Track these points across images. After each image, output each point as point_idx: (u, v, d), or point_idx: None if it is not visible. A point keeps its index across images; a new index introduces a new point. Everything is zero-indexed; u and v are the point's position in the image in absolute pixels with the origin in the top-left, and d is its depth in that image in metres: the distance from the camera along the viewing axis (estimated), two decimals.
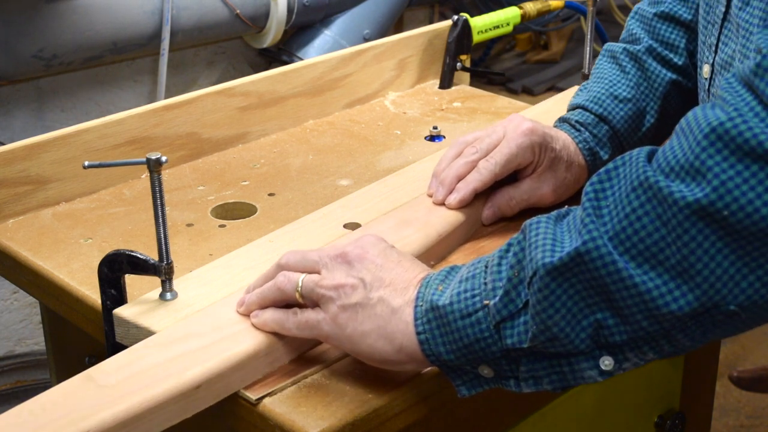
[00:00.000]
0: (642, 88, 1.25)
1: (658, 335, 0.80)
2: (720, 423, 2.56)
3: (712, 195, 0.76)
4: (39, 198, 1.23)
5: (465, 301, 0.85)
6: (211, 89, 1.38)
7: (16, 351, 2.08)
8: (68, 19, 1.80)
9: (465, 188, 1.15)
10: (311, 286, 0.90)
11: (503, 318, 0.83)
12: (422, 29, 1.63)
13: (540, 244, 0.82)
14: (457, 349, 0.85)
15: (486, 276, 0.86)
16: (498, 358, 0.85)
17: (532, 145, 1.15)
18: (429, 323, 0.86)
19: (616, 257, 0.78)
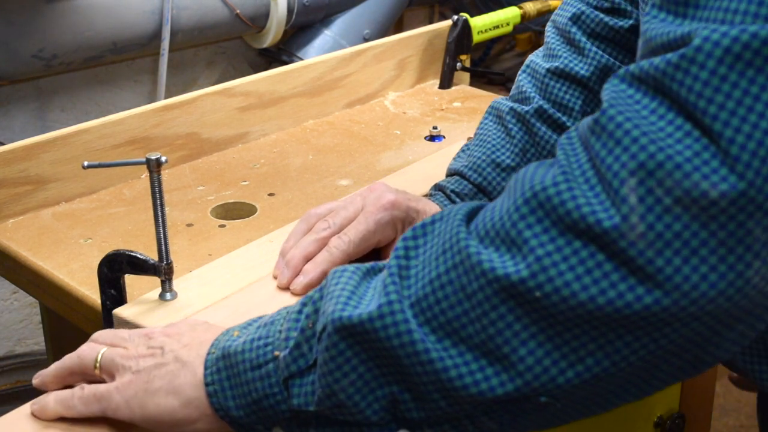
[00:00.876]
0: (529, 155, 1.11)
1: (460, 416, 0.71)
2: (720, 423, 2.55)
3: (524, 272, 0.66)
4: (39, 198, 1.23)
5: (257, 350, 0.76)
6: (211, 89, 1.38)
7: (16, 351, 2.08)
8: (68, 19, 1.80)
9: (313, 271, 0.99)
10: (112, 356, 0.82)
11: (292, 374, 0.74)
12: (422, 29, 1.63)
13: (336, 296, 0.72)
14: (246, 404, 0.76)
15: (283, 323, 0.77)
16: (288, 419, 0.75)
17: (393, 221, 1.02)
18: (219, 373, 0.77)
19: (413, 327, 0.68)
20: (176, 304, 0.98)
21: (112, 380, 0.81)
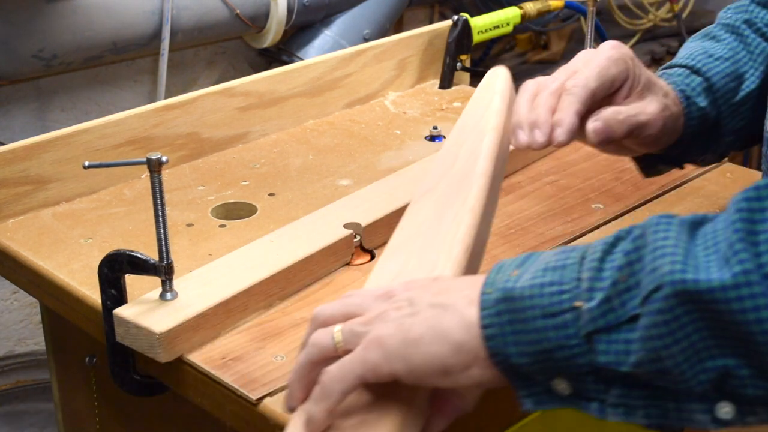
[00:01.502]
0: (740, 55, 1.09)
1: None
2: None
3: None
4: (39, 198, 1.23)
5: (550, 297, 0.69)
6: (211, 89, 1.38)
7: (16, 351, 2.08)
8: (68, 19, 1.80)
9: (566, 116, 0.93)
10: (350, 328, 0.74)
11: (598, 329, 0.67)
12: (422, 29, 1.63)
13: (669, 253, 0.65)
14: (532, 352, 0.69)
15: (581, 267, 0.69)
16: (583, 373, 0.68)
17: (623, 57, 0.97)
18: (499, 316, 0.69)
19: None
20: (176, 304, 0.98)
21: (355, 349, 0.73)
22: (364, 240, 1.13)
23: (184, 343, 0.96)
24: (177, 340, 0.95)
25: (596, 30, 1.80)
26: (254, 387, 0.91)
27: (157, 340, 0.94)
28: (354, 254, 1.13)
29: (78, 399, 1.28)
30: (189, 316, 0.96)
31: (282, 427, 0.87)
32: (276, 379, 0.92)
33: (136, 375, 1.02)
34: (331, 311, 0.77)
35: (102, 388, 1.21)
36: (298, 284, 1.07)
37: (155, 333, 0.94)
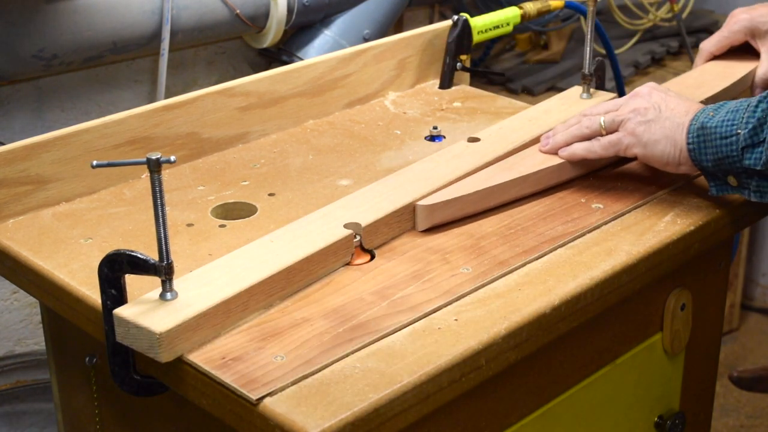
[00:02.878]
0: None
1: None
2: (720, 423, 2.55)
3: None
4: (39, 198, 1.23)
5: (726, 127, 1.14)
6: (211, 89, 1.38)
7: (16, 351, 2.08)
8: (68, 19, 1.80)
9: (698, 62, 1.54)
10: (612, 117, 1.23)
11: (747, 145, 1.12)
12: (422, 29, 1.63)
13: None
14: (714, 159, 1.16)
15: (745, 113, 1.13)
16: (739, 172, 1.15)
17: (741, 29, 1.49)
18: (698, 138, 1.17)
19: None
20: (176, 304, 0.98)
21: (616, 132, 1.22)
22: (364, 240, 1.13)
23: (184, 343, 0.96)
24: (177, 340, 0.95)
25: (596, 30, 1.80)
26: (254, 387, 0.91)
27: (157, 340, 0.94)
28: (354, 254, 1.13)
29: (78, 399, 1.28)
30: (189, 316, 0.96)
31: (282, 427, 0.87)
32: (276, 379, 0.92)
33: (136, 375, 1.02)
34: (596, 108, 1.27)
35: (102, 388, 1.21)
36: (298, 284, 1.07)
37: (155, 333, 0.94)
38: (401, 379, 0.92)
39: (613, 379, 1.21)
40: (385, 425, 0.90)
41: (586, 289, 1.08)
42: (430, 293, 1.05)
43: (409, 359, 0.95)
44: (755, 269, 3.07)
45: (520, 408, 1.10)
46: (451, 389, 0.96)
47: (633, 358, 1.23)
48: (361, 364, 0.94)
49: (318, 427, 0.86)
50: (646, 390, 1.27)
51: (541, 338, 1.04)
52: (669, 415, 1.31)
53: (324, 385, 0.91)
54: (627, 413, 1.26)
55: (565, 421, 1.16)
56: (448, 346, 0.97)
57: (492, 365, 0.99)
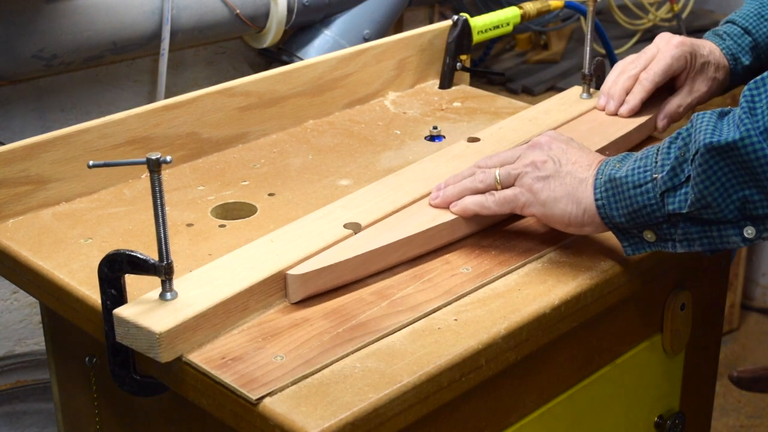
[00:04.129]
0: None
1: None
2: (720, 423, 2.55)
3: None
4: (39, 198, 1.23)
5: (638, 175, 1.04)
6: (211, 89, 1.38)
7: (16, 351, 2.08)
8: (68, 19, 1.80)
9: (633, 99, 1.39)
10: (507, 171, 1.12)
11: (668, 188, 1.02)
12: (422, 29, 1.63)
13: (703, 129, 0.99)
14: (627, 213, 1.05)
15: (657, 156, 1.04)
16: (660, 222, 1.04)
17: (684, 55, 1.37)
18: (606, 191, 1.06)
19: (765, 147, 0.95)
20: (176, 304, 0.98)
21: (512, 187, 1.12)
22: None
23: (184, 343, 0.96)
24: (177, 340, 0.95)
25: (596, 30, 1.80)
26: (254, 387, 0.91)
27: (157, 340, 0.94)
28: None
29: (78, 399, 1.28)
30: (189, 316, 0.96)
31: (282, 427, 0.87)
32: (276, 378, 0.92)
33: (136, 375, 1.02)
34: (490, 161, 1.16)
35: (102, 388, 1.21)
36: None
37: (155, 333, 0.94)
38: (401, 379, 0.92)
39: (613, 379, 1.21)
40: (385, 425, 0.90)
41: (586, 289, 1.08)
42: (430, 293, 1.05)
43: (409, 359, 0.95)
44: (755, 269, 3.08)
45: (520, 408, 1.10)
46: (451, 389, 0.96)
47: (633, 358, 1.23)
48: (361, 364, 0.94)
49: (318, 427, 0.86)
50: (646, 390, 1.27)
51: (541, 338, 1.04)
52: (669, 415, 1.31)
53: (324, 385, 0.91)
54: (627, 413, 1.26)
55: (565, 421, 1.16)
56: (448, 346, 0.97)
57: (492, 365, 0.99)
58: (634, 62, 1.40)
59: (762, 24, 1.43)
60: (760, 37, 1.43)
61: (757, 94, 0.98)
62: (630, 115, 1.39)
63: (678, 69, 1.38)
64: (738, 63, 1.42)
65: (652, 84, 1.38)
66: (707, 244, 1.03)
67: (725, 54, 1.41)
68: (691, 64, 1.39)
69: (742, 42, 1.42)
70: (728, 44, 1.42)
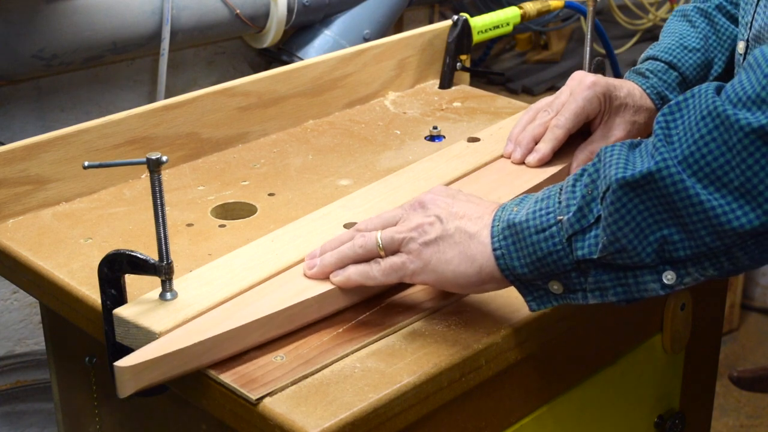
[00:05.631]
0: (710, 41, 1.33)
1: (719, 252, 0.87)
2: (720, 423, 2.56)
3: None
4: (39, 198, 1.23)
5: (540, 218, 0.93)
6: (211, 89, 1.38)
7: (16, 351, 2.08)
8: (68, 19, 1.80)
9: (544, 148, 1.26)
10: (391, 235, 0.99)
11: (575, 231, 0.91)
12: (422, 29, 1.63)
13: (614, 163, 0.90)
14: (530, 262, 0.93)
15: (560, 196, 0.93)
16: (568, 270, 0.92)
17: (596, 96, 1.25)
18: (505, 239, 0.94)
19: (684, 178, 0.85)
20: (176, 304, 0.98)
21: (398, 252, 0.98)
22: None
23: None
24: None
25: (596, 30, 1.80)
26: (254, 387, 0.91)
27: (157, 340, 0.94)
28: None
29: (78, 399, 1.28)
30: (189, 316, 0.96)
31: (282, 427, 0.87)
32: (276, 379, 0.92)
33: None
34: (371, 223, 1.02)
35: (102, 388, 1.21)
36: None
37: (155, 333, 0.94)
38: (401, 379, 0.92)
39: (613, 379, 1.21)
40: (385, 425, 0.90)
41: None
42: (430, 293, 1.05)
43: (409, 359, 0.95)
44: (755, 269, 3.07)
45: (520, 408, 1.10)
46: (451, 389, 0.96)
47: (633, 358, 1.23)
48: (361, 364, 0.94)
49: (318, 427, 0.86)
50: (646, 390, 1.27)
51: (541, 338, 1.04)
52: (669, 415, 1.30)
53: (324, 385, 0.91)
54: (627, 413, 1.26)
55: (565, 421, 1.16)
56: (448, 346, 0.97)
57: (492, 365, 0.99)
58: (546, 108, 1.29)
59: (687, 56, 1.33)
60: (688, 71, 1.32)
61: (672, 120, 0.89)
62: (539, 164, 1.26)
63: (592, 112, 1.26)
64: (665, 102, 1.30)
65: (564, 131, 1.26)
66: (622, 294, 0.92)
67: (649, 93, 1.31)
68: (605, 106, 1.27)
69: (668, 78, 1.32)
70: (652, 82, 1.31)
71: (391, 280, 0.99)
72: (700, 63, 1.33)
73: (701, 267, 0.88)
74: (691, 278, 0.89)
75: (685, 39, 1.33)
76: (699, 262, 0.88)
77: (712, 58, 1.33)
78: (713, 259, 0.88)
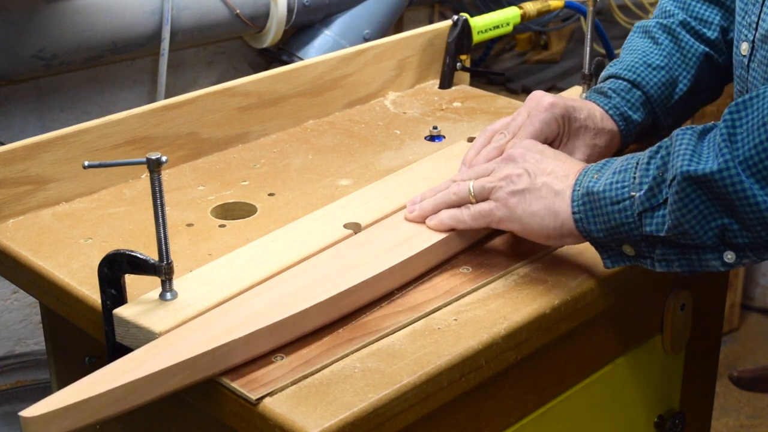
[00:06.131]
0: (675, 58, 1.30)
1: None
2: (720, 423, 2.56)
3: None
4: (39, 198, 1.23)
5: (616, 190, 0.99)
6: (211, 89, 1.38)
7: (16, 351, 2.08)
8: (68, 19, 1.80)
9: None
10: (482, 184, 1.07)
11: (645, 209, 0.98)
12: (422, 29, 1.63)
13: (682, 153, 0.95)
14: (605, 229, 1.01)
15: (636, 172, 0.99)
16: (638, 241, 1.00)
17: (555, 118, 1.21)
18: (583, 205, 1.02)
19: (743, 179, 0.92)
20: (176, 304, 0.98)
21: (488, 200, 1.07)
22: None
23: None
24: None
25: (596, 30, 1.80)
26: (254, 387, 0.91)
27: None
28: None
29: None
30: (189, 316, 0.96)
31: (282, 427, 0.87)
32: (276, 379, 0.92)
33: None
34: (466, 174, 1.11)
35: None
36: None
37: (155, 333, 0.94)
38: (401, 379, 0.92)
39: (613, 379, 1.21)
40: (385, 425, 0.90)
41: (586, 290, 1.08)
42: (430, 293, 1.05)
43: (409, 359, 0.95)
44: (755, 269, 3.07)
45: (520, 408, 1.10)
46: (451, 389, 0.96)
47: (633, 358, 1.23)
48: (361, 364, 0.94)
49: (318, 427, 0.86)
50: (646, 390, 1.27)
51: (541, 338, 1.04)
52: (669, 415, 1.30)
53: (324, 385, 0.91)
54: (627, 413, 1.26)
55: (565, 421, 1.16)
56: (448, 346, 0.97)
57: (492, 365, 0.99)
58: (502, 130, 1.22)
59: (651, 74, 1.29)
60: (652, 89, 1.28)
61: (738, 119, 0.94)
62: None
63: (550, 135, 1.21)
64: (629, 122, 1.27)
65: None
66: (686, 266, 0.99)
67: (612, 114, 1.26)
68: (564, 128, 1.22)
69: (632, 97, 1.28)
70: (615, 102, 1.27)
71: (479, 225, 1.08)
72: (665, 81, 1.29)
73: (758, 252, 0.96)
74: (749, 260, 0.97)
75: (648, 57, 1.29)
76: (757, 249, 0.96)
77: (677, 76, 1.30)
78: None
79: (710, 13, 1.30)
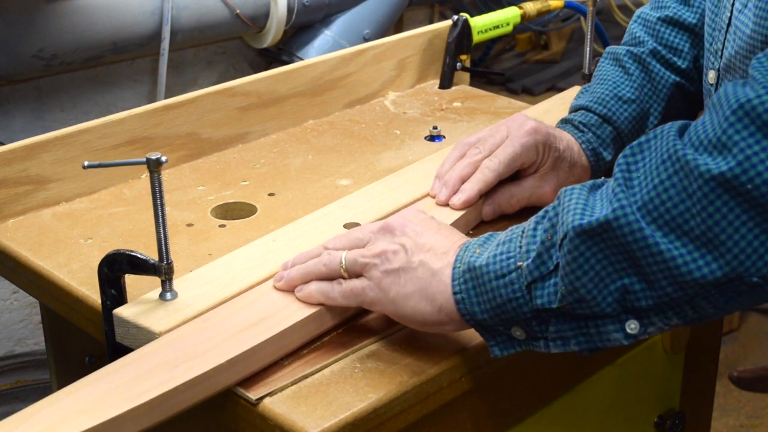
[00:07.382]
0: (646, 90, 1.26)
1: (682, 301, 0.83)
2: (720, 423, 2.55)
3: (736, 169, 0.78)
4: (39, 198, 1.23)
5: (500, 263, 0.88)
6: (211, 89, 1.38)
7: (16, 351, 2.08)
8: (68, 19, 1.80)
9: (470, 189, 1.15)
10: (354, 257, 0.95)
11: (534, 279, 0.86)
12: (422, 29, 1.63)
13: (572, 209, 0.85)
14: (490, 308, 0.89)
15: (522, 240, 0.89)
16: (529, 318, 0.88)
17: (536, 144, 1.16)
18: (465, 283, 0.90)
19: (643, 226, 0.81)
20: (176, 304, 0.98)
21: (361, 276, 0.95)
22: None
23: None
24: None
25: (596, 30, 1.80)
26: (254, 387, 0.91)
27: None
28: None
29: None
30: (189, 316, 0.96)
31: (282, 427, 0.87)
32: (276, 379, 0.92)
33: None
34: (339, 242, 0.99)
35: None
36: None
37: (155, 333, 0.94)
38: (401, 379, 0.92)
39: (613, 379, 1.21)
40: (385, 425, 0.90)
41: None
42: None
43: (409, 359, 0.95)
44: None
45: (520, 408, 1.10)
46: (451, 389, 0.96)
47: (633, 358, 1.23)
48: (361, 364, 0.94)
49: (318, 427, 0.86)
50: (646, 390, 1.27)
51: None
52: (669, 415, 1.30)
53: (324, 385, 0.91)
54: (627, 413, 1.26)
55: (565, 421, 1.16)
56: (449, 345, 0.97)
57: (492, 365, 0.99)
58: (478, 146, 1.17)
59: (622, 108, 1.24)
60: (623, 125, 1.23)
61: (633, 162, 0.85)
62: (464, 207, 1.15)
63: (527, 161, 1.16)
64: (599, 159, 1.22)
65: (495, 174, 1.15)
66: (584, 343, 0.87)
67: (585, 150, 1.21)
68: (543, 157, 1.17)
69: (603, 133, 1.23)
70: (588, 137, 1.22)
71: (350, 304, 0.96)
72: (636, 115, 1.24)
73: (665, 316, 0.84)
74: (655, 327, 0.85)
75: (619, 88, 1.25)
76: (662, 311, 0.84)
77: (648, 109, 1.25)
78: (676, 308, 0.84)
79: (680, 41, 1.26)
